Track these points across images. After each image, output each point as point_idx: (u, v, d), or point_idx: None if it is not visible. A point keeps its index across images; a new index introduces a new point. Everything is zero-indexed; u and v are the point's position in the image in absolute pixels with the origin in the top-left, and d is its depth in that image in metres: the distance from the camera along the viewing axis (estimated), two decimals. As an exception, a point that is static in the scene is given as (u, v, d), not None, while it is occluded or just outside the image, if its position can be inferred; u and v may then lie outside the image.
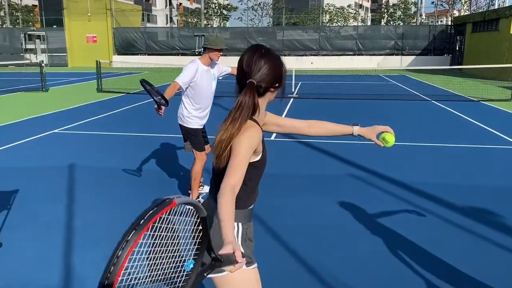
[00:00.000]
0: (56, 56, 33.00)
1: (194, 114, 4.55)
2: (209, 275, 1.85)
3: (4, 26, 39.07)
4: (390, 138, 2.16)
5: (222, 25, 42.26)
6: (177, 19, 57.83)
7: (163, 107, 4.21)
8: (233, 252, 1.39)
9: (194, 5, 65.95)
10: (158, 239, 1.27)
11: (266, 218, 4.36)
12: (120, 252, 1.04)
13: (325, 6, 41.76)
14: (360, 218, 4.41)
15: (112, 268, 1.02)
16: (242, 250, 1.83)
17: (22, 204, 4.76)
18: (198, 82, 4.48)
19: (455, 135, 8.42)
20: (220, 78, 4.85)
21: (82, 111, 11.20)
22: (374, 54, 30.38)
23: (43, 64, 16.06)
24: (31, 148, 7.31)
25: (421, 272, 3.34)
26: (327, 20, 39.14)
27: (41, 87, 15.45)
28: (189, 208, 1.30)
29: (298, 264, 3.48)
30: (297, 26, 36.18)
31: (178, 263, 1.34)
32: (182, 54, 30.95)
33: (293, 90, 15.12)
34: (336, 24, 37.43)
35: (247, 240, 1.90)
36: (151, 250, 1.29)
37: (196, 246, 1.38)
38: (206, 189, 5.17)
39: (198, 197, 4.65)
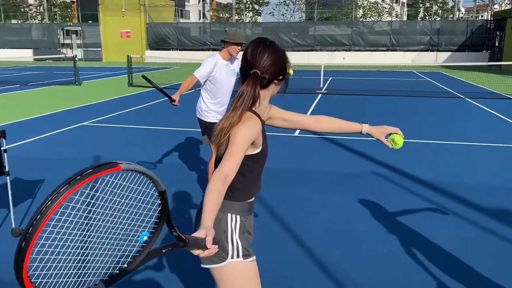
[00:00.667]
0: (91, 51, 33.85)
1: (212, 108, 4.55)
2: (206, 266, 1.83)
3: (42, 22, 40.33)
4: (399, 140, 2.14)
5: (253, 20, 42.24)
6: (210, 15, 58.21)
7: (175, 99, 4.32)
8: (204, 238, 1.39)
9: (226, 0, 66.13)
10: (100, 200, 1.27)
11: (283, 214, 4.32)
12: (49, 203, 1.03)
13: (359, 0, 41.07)
14: (379, 217, 4.30)
15: (38, 217, 1.02)
16: (236, 244, 1.80)
17: (45, 192, 4.87)
18: (217, 76, 4.47)
19: (487, 134, 8.10)
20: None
21: (111, 105, 11.43)
22: (408, 50, 29.69)
23: (77, 59, 16.47)
24: (59, 139, 7.51)
25: (436, 275, 3.22)
26: (360, 15, 38.46)
27: (75, 81, 15.87)
28: (143, 178, 1.26)
29: (306, 259, 3.42)
30: (329, 21, 35.75)
31: (126, 231, 1.32)
32: (213, 49, 31.11)
33: (321, 85, 14.94)
34: (370, 19, 36.76)
35: (245, 232, 1.87)
36: (90, 210, 1.29)
37: (153, 220, 1.35)
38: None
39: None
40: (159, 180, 1.26)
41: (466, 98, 12.81)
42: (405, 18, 49.85)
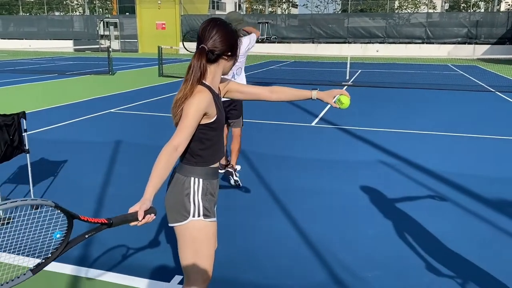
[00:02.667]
0: (128, 42, 34.76)
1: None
2: (171, 224, 2.07)
3: (83, 14, 41.68)
4: (345, 100, 2.28)
5: (287, 12, 42.10)
6: (245, 6, 58.31)
7: None
8: (137, 212, 1.65)
9: (262, -7, 65.97)
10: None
11: (289, 200, 4.50)
12: None
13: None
14: (379, 204, 4.41)
15: None
16: (198, 204, 2.01)
17: (66, 173, 5.26)
18: (241, 55, 4.72)
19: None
20: (251, 47, 5.00)
21: (139, 94, 11.86)
22: (444, 43, 28.88)
23: (110, 49, 17.08)
24: (86, 125, 7.94)
25: (432, 263, 3.33)
26: (396, 7, 37.63)
27: (108, 71, 16.48)
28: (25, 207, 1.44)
29: (304, 243, 3.59)
30: (364, 12, 35.19)
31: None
32: (246, 41, 31.30)
33: (347, 77, 14.88)
34: (406, 11, 35.91)
35: (207, 194, 2.06)
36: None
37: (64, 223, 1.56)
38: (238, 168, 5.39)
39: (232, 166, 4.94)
40: (41, 201, 1.42)
41: (497, 92, 12.48)
42: (440, 9, 48.33)
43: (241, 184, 4.89)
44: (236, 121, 4.98)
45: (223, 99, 2.26)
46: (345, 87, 13.50)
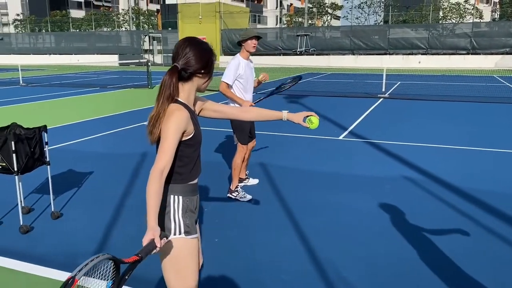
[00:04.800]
0: (171, 56, 35.69)
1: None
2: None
3: (128, 30, 43.33)
4: (315, 120, 2.40)
5: (326, 24, 41.95)
6: (286, 20, 58.66)
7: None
8: (153, 239, 1.70)
9: (305, 5, 66.31)
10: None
11: (301, 215, 4.45)
12: None
13: (440, 2, 39.11)
14: (391, 220, 4.26)
15: None
16: (178, 222, 2.02)
17: (90, 183, 5.44)
18: (243, 74, 4.74)
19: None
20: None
21: (174, 106, 12.11)
22: (491, 53, 27.77)
23: (150, 64, 17.63)
24: (119, 137, 8.19)
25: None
26: (440, 17, 36.63)
27: (147, 84, 16.98)
28: (97, 265, 1.49)
29: (308, 257, 3.52)
30: (406, 24, 34.47)
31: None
32: (284, 54, 31.46)
33: (383, 90, 14.57)
34: (450, 21, 34.88)
35: (188, 211, 2.07)
36: None
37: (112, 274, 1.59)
38: (252, 181, 5.38)
39: (237, 187, 4.88)
40: (104, 258, 1.50)
41: (543, 105, 11.82)
42: (488, 18, 46.62)
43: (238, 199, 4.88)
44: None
45: None
46: (381, 99, 13.22)
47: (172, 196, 2.04)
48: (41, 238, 3.93)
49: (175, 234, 2.03)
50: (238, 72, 4.74)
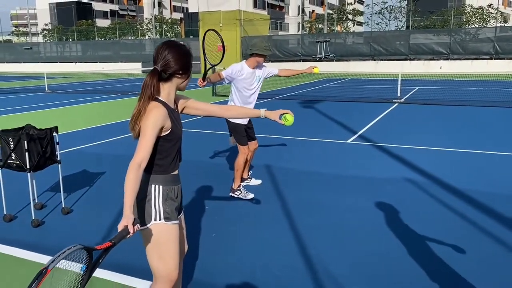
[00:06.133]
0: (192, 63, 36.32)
1: None
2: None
3: (154, 37, 44.24)
4: (289, 117, 2.50)
5: (346, 30, 41.90)
6: (307, 26, 58.76)
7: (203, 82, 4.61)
8: (127, 225, 1.89)
9: (325, 11, 66.31)
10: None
11: (299, 214, 4.59)
12: None
13: (464, 6, 38.57)
14: (391, 223, 4.36)
15: None
16: (159, 209, 2.21)
17: (101, 182, 5.71)
18: (241, 80, 4.93)
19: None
20: (268, 78, 5.25)
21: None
22: (515, 58, 27.22)
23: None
24: (131, 141, 8.48)
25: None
26: (463, 22, 36.13)
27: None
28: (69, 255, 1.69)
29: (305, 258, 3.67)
30: (427, 29, 34.15)
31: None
32: (304, 60, 31.56)
33: (398, 94, 14.53)
34: (473, 26, 34.36)
35: (168, 199, 2.26)
36: None
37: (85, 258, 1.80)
38: (254, 181, 5.55)
39: (239, 186, 5.06)
40: (75, 248, 1.70)
41: (562, 109, 11.62)
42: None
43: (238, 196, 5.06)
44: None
45: None
46: (396, 104, 13.22)
47: (153, 186, 2.24)
48: (50, 231, 4.20)
49: (155, 219, 2.22)
50: (239, 77, 4.92)
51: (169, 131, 2.20)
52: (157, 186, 2.24)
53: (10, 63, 43.44)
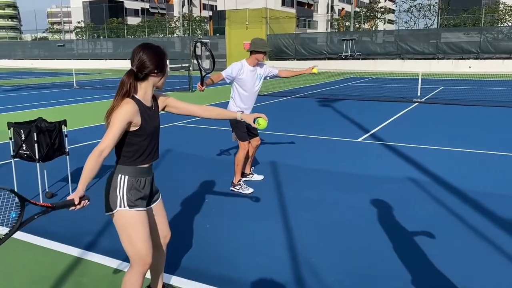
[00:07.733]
0: (218, 61, 36.69)
1: (241, 108, 5.14)
2: (106, 213, 2.47)
3: (183, 35, 44.94)
4: (262, 122, 2.63)
5: (374, 28, 41.39)
6: (336, 24, 58.31)
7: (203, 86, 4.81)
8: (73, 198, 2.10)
9: (351, 9, 65.66)
10: None
11: (294, 210, 4.71)
12: None
13: (497, 4, 37.47)
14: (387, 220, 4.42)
15: None
16: (122, 196, 2.41)
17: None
18: (244, 80, 5.08)
19: None
20: (268, 78, 5.38)
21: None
22: (549, 57, 26.34)
23: (191, 68, 18.40)
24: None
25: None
26: (495, 20, 35.12)
27: (188, 88, 17.73)
28: None
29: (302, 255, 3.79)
30: (456, 27, 33.39)
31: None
32: (329, 59, 31.44)
33: (418, 94, 14.35)
34: (505, 24, 33.37)
35: (132, 189, 2.43)
36: None
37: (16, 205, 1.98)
38: (256, 177, 5.69)
39: (239, 181, 5.21)
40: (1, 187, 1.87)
41: None
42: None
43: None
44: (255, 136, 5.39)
45: None
46: (415, 104, 13.08)
47: (119, 175, 2.42)
48: (56, 218, 4.45)
49: (120, 206, 2.41)
50: (239, 76, 5.07)
51: (138, 127, 2.37)
52: (123, 176, 2.42)
53: (45, 59, 45.01)
